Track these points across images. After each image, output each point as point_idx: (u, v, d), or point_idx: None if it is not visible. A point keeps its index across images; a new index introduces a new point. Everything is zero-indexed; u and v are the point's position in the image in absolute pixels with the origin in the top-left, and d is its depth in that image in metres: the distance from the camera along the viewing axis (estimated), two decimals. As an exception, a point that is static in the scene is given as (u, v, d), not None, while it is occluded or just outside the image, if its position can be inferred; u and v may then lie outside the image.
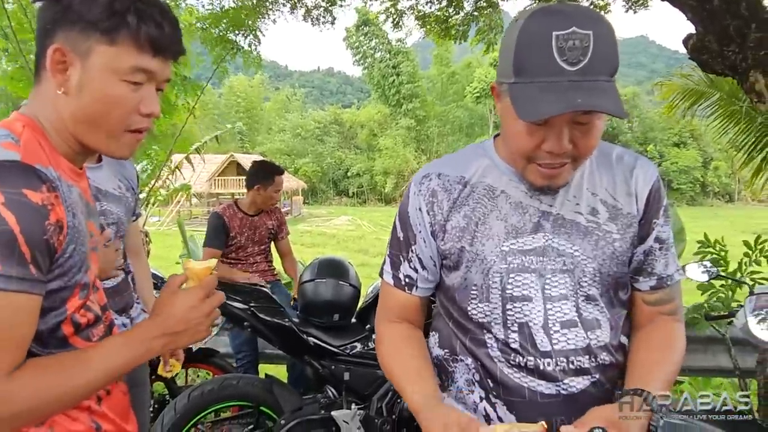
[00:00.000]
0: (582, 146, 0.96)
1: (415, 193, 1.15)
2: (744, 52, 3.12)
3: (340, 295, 2.67)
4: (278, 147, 48.69)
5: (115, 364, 0.87)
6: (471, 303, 1.10)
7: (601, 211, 1.08)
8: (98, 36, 0.84)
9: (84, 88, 0.86)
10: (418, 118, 46.62)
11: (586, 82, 0.89)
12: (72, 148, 0.91)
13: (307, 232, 23.78)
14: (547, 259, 1.05)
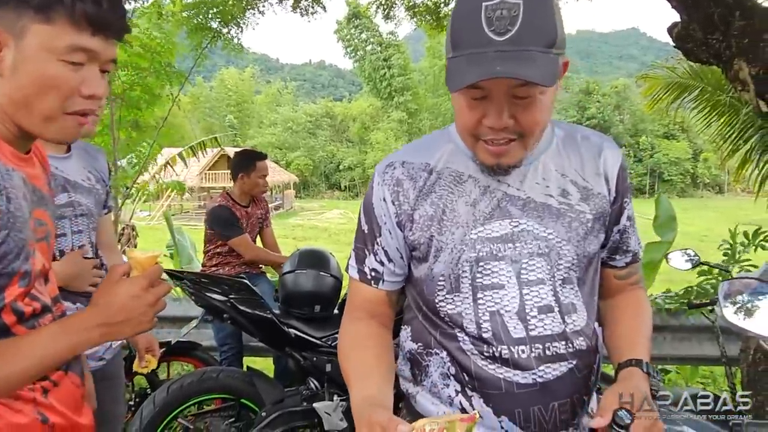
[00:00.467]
0: (524, 121, 0.94)
1: (379, 183, 1.10)
2: (728, 40, 3.11)
3: (321, 286, 2.64)
4: (270, 140, 48.51)
5: (51, 352, 0.84)
6: (439, 294, 1.07)
7: (572, 192, 1.06)
8: (32, 14, 0.81)
9: (19, 69, 0.82)
10: (409, 110, 46.55)
11: (513, 52, 0.86)
12: (11, 131, 0.88)
13: (299, 226, 23.73)
14: (521, 244, 1.03)
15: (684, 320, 3.53)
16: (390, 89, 46.26)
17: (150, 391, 2.82)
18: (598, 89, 47.54)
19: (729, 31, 3.09)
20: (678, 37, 3.36)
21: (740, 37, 3.05)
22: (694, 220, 22.05)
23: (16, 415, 0.87)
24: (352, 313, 1.18)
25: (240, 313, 2.44)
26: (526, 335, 1.01)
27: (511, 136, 0.95)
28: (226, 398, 2.58)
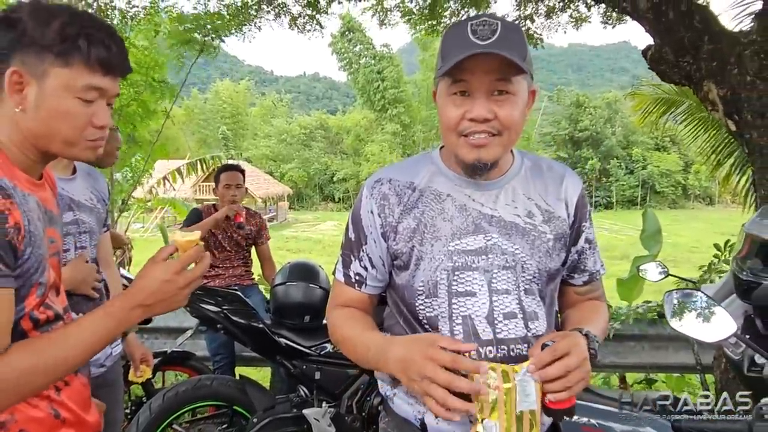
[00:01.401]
0: (503, 116, 1.08)
1: (367, 197, 1.23)
2: (698, 63, 3.28)
3: (310, 297, 2.77)
4: (264, 152, 48.59)
5: (98, 335, 0.96)
6: (419, 299, 1.19)
7: (536, 213, 1.21)
8: (52, 59, 0.94)
9: (41, 106, 0.96)
10: (403, 123, 46.78)
11: (494, 48, 1.03)
12: (30, 158, 1.01)
13: (293, 238, 23.79)
14: (493, 256, 1.16)
15: (661, 330, 3.67)
16: (384, 101, 46.52)
17: (146, 400, 2.91)
18: (589, 102, 47.96)
19: (699, 54, 3.27)
20: (652, 60, 3.53)
21: (709, 61, 3.22)
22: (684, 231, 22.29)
23: (34, 410, 0.97)
24: (335, 307, 1.32)
25: (233, 324, 2.56)
26: (494, 337, 1.14)
27: (491, 131, 1.10)
28: (219, 405, 2.68)
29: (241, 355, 3.55)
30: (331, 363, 2.68)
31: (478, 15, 1.10)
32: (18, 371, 0.87)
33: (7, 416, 0.94)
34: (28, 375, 0.89)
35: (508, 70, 1.07)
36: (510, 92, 1.09)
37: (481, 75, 1.07)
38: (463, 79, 1.08)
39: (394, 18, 6.85)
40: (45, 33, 0.93)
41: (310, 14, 6.56)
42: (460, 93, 1.10)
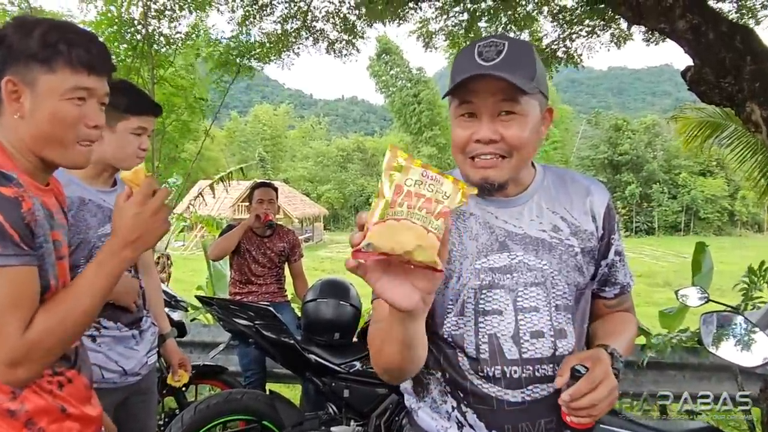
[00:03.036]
0: (509, 137, 1.08)
1: None
2: (740, 84, 3.21)
3: (341, 314, 2.78)
4: (301, 174, 49.43)
5: (101, 284, 1.02)
6: (447, 317, 1.16)
7: (562, 227, 1.19)
8: (38, 66, 1.02)
9: (36, 112, 1.03)
10: (439, 145, 46.92)
11: (497, 70, 1.03)
12: (33, 164, 1.07)
13: (328, 258, 23.91)
14: (518, 274, 1.14)
15: (703, 359, 3.53)
16: (420, 124, 46.82)
17: (178, 411, 2.96)
18: (628, 125, 47.07)
19: (741, 75, 3.19)
20: (692, 81, 3.47)
21: (752, 81, 3.15)
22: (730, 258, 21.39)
23: (42, 401, 1.02)
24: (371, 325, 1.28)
25: (264, 339, 2.60)
26: (519, 357, 1.12)
27: (498, 152, 1.09)
28: (249, 420, 2.70)
29: (272, 372, 3.58)
30: (361, 381, 2.67)
31: (488, 36, 1.10)
32: (40, 332, 0.94)
33: (17, 405, 0.98)
34: (50, 333, 0.95)
35: (513, 92, 1.05)
36: (517, 113, 1.08)
37: (486, 96, 1.07)
38: (469, 100, 1.09)
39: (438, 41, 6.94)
40: (29, 43, 1.00)
41: (348, 39, 6.72)
42: (467, 115, 1.10)
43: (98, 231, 1.71)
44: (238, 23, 6.18)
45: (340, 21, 6.36)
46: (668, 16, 3.37)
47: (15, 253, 0.91)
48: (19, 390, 0.98)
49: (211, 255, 3.68)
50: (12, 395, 0.98)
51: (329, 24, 6.47)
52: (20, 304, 0.92)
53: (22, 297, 0.93)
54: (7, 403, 0.97)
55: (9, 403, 0.97)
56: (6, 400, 0.98)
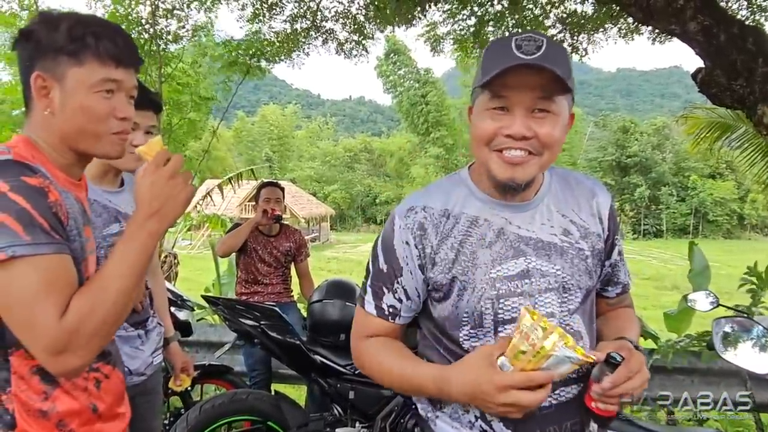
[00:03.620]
0: (542, 134, 1.04)
1: (401, 227, 1.17)
2: (751, 86, 3.18)
3: (347, 315, 2.77)
4: (308, 174, 49.54)
5: (131, 259, 0.98)
6: (463, 330, 1.14)
7: (572, 231, 1.18)
8: (67, 59, 1.01)
9: (66, 106, 1.02)
10: (446, 146, 46.85)
11: (537, 63, 1.00)
12: (67, 159, 1.07)
13: (335, 258, 23.95)
14: (534, 279, 1.13)
15: (712, 364, 3.49)
16: (427, 125, 46.75)
17: (184, 411, 2.96)
18: (636, 127, 46.81)
19: (752, 77, 3.16)
20: (702, 83, 3.44)
21: (763, 83, 3.11)
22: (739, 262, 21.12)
23: (74, 402, 1.03)
24: (363, 338, 1.26)
25: (269, 339, 2.59)
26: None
27: (529, 149, 1.06)
28: (254, 420, 2.70)
29: (277, 372, 3.58)
30: (366, 383, 2.66)
31: (523, 32, 1.06)
32: (77, 316, 0.91)
33: (49, 405, 0.99)
34: (87, 317, 0.92)
35: (552, 88, 1.03)
36: (551, 111, 1.04)
37: (524, 91, 1.03)
38: (503, 95, 1.04)
39: (446, 45, 6.93)
40: (56, 37, 1.00)
41: (357, 40, 6.72)
42: (498, 108, 1.06)
43: (103, 231, 1.71)
44: (247, 20, 6.19)
45: (350, 21, 6.36)
46: (679, 17, 3.34)
47: (46, 242, 0.90)
48: (51, 390, 0.98)
49: (219, 251, 3.69)
50: (44, 396, 0.98)
51: (338, 24, 6.47)
52: (54, 292, 0.90)
53: (56, 284, 0.91)
54: (39, 403, 0.98)
55: (41, 404, 0.98)
56: (38, 401, 0.98)
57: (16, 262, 0.87)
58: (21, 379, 0.97)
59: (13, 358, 0.97)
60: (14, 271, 0.87)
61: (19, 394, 0.97)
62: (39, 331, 0.89)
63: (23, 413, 0.97)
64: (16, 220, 0.87)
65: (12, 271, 0.87)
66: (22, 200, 0.88)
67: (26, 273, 0.88)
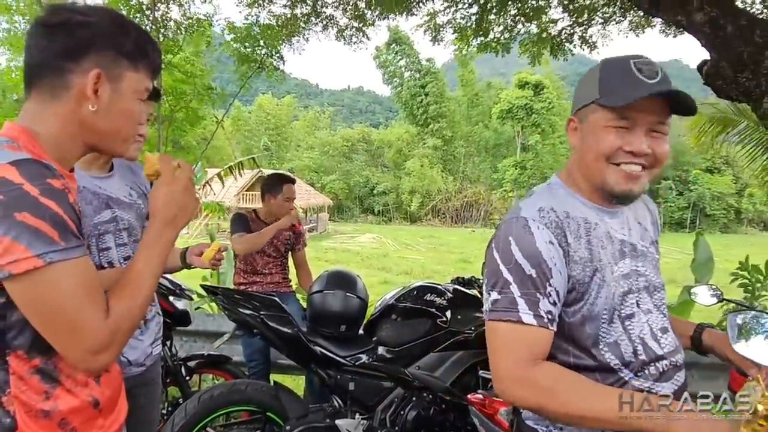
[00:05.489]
0: (659, 152, 1.16)
1: (539, 228, 1.16)
2: (758, 79, 3.14)
3: (347, 306, 2.75)
4: (306, 163, 49.34)
5: (155, 265, 1.06)
6: (602, 327, 1.17)
7: (645, 237, 1.31)
8: (127, 64, 1.03)
9: (114, 106, 1.03)
10: (445, 138, 46.76)
11: (664, 87, 1.12)
12: (71, 153, 1.05)
13: (332, 249, 23.92)
14: (634, 279, 1.23)
15: (714, 357, 3.47)
16: (426, 116, 46.66)
17: (182, 401, 2.95)
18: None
19: (758, 69, 3.13)
20: (708, 75, 3.40)
21: (771, 76, 3.08)
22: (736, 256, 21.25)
23: (75, 400, 1.01)
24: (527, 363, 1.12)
25: (269, 329, 2.56)
26: (663, 352, 1.21)
27: (644, 163, 1.17)
28: (253, 411, 2.68)
29: (276, 363, 3.56)
30: (366, 374, 2.65)
31: (636, 55, 1.16)
32: (119, 316, 0.97)
33: (51, 405, 0.98)
34: (127, 317, 0.99)
35: (667, 111, 1.15)
36: (665, 130, 1.17)
37: (648, 114, 1.14)
38: (628, 116, 1.14)
39: (446, 34, 6.86)
40: (124, 40, 1.02)
41: (358, 26, 6.66)
42: (622, 127, 1.15)
43: (94, 219, 1.67)
44: (247, 5, 6.11)
45: (350, 8, 6.29)
46: (686, 8, 3.30)
47: (76, 245, 0.91)
48: (52, 389, 0.98)
49: (238, 250, 3.44)
50: (45, 395, 0.98)
51: (339, 10, 6.40)
52: (94, 293, 0.94)
53: (93, 286, 0.93)
54: (40, 403, 0.97)
55: (42, 404, 0.97)
56: (39, 401, 0.97)
57: (53, 267, 0.88)
58: (20, 379, 0.96)
59: (10, 359, 0.95)
60: (52, 277, 0.88)
61: (19, 395, 0.96)
62: (86, 333, 0.92)
63: (24, 414, 0.96)
64: (52, 226, 0.88)
65: (50, 277, 0.88)
66: (54, 205, 0.88)
67: (65, 278, 0.89)
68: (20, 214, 0.85)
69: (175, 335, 3.38)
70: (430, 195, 44.65)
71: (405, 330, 2.71)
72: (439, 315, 2.69)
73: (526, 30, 6.61)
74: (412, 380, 2.61)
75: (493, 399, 2.05)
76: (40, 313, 0.90)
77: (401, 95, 47.79)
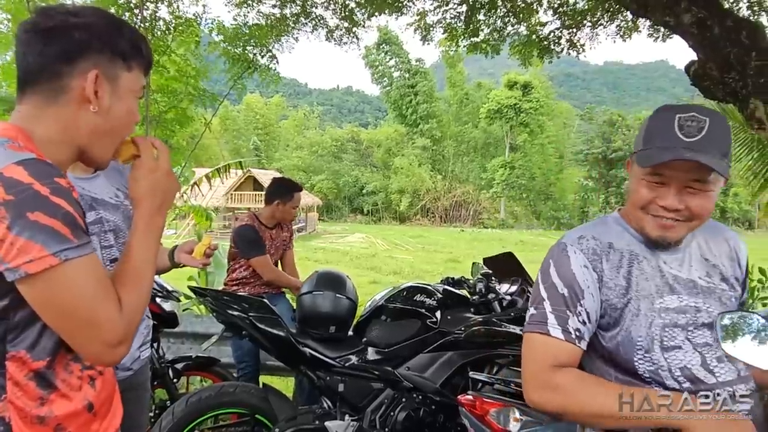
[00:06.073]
0: (693, 207, 1.17)
1: (576, 252, 1.27)
2: (744, 80, 3.17)
3: (337, 307, 2.73)
4: (295, 163, 49.21)
5: (151, 254, 1.06)
6: (638, 353, 1.22)
7: (713, 274, 1.29)
8: (122, 63, 1.03)
9: (113, 107, 1.03)
10: (434, 137, 46.85)
11: (696, 149, 1.11)
12: (64, 156, 1.03)
13: (321, 249, 23.87)
14: (689, 315, 1.23)
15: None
16: (415, 116, 46.73)
17: (170, 404, 2.92)
18: (622, 121, 47.14)
19: (745, 70, 3.16)
20: (695, 75, 3.43)
21: (756, 77, 3.11)
22: (722, 255, 21.38)
23: (70, 404, 1.00)
24: (551, 369, 1.19)
25: (258, 331, 2.54)
26: (716, 381, 1.20)
27: (679, 217, 1.18)
28: (242, 413, 2.66)
29: (265, 364, 3.53)
30: (356, 375, 2.63)
31: (688, 107, 1.16)
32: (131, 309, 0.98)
33: (46, 410, 0.97)
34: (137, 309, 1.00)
35: (705, 169, 1.12)
36: (704, 187, 1.16)
37: (681, 172, 1.14)
38: (661, 173, 1.16)
39: (436, 34, 6.85)
40: (119, 40, 1.02)
41: (347, 27, 6.62)
42: (655, 182, 1.18)
43: None
44: (235, 4, 6.06)
45: (339, 8, 6.26)
46: (674, 10, 3.32)
47: (87, 241, 0.92)
48: (47, 394, 0.97)
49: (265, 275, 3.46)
50: (40, 401, 0.97)
51: (329, 11, 6.37)
52: (108, 287, 0.95)
53: (105, 280, 0.95)
54: (36, 409, 0.96)
55: (38, 410, 0.96)
56: (35, 407, 0.96)
57: (68, 265, 0.88)
58: (16, 385, 0.95)
59: (9, 363, 0.94)
60: (69, 274, 0.88)
61: (14, 401, 0.95)
62: (104, 327, 0.92)
63: (19, 421, 0.95)
64: (65, 224, 0.88)
65: (66, 274, 0.88)
66: (65, 203, 0.89)
67: (80, 274, 0.90)
68: (33, 214, 0.85)
69: (163, 337, 3.35)
70: (420, 195, 44.71)
71: (395, 331, 2.70)
72: (428, 316, 2.68)
73: (516, 31, 6.62)
74: (402, 381, 2.60)
75: (483, 400, 2.05)
76: (58, 311, 0.90)
77: (390, 95, 47.84)
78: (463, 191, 45.21)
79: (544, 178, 45.43)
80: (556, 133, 47.96)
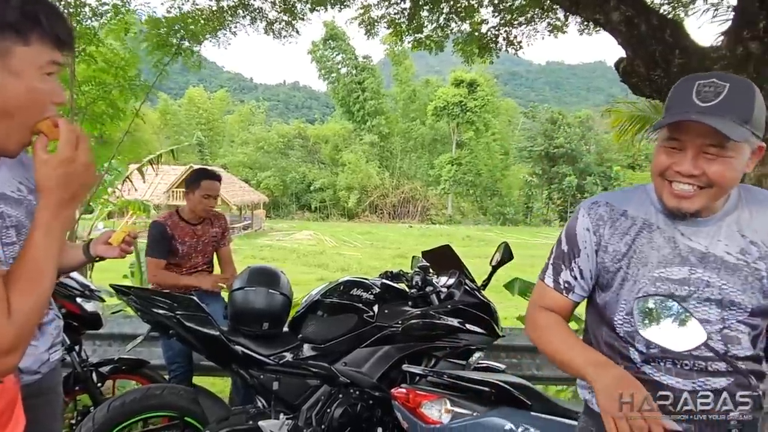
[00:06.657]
0: (711, 173, 1.16)
1: (584, 215, 1.36)
2: (669, 77, 3.29)
3: (270, 303, 2.65)
4: (240, 160, 48.16)
5: (54, 250, 0.96)
6: (618, 314, 1.31)
7: (751, 251, 1.23)
8: (14, 37, 0.92)
9: (7, 85, 0.93)
10: (381, 134, 46.92)
11: (710, 114, 1.12)
12: None
13: (268, 247, 23.51)
14: (693, 288, 1.23)
15: None
16: (363, 112, 46.64)
17: (93, 409, 2.76)
18: (563, 119, 48.74)
19: (669, 68, 3.28)
20: (624, 72, 3.54)
21: (680, 75, 3.19)
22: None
23: None
24: (539, 308, 1.42)
25: (186, 330, 2.43)
26: (689, 353, 1.23)
27: (698, 184, 1.17)
28: (171, 416, 2.55)
29: (200, 365, 3.40)
30: (291, 373, 2.57)
31: (711, 74, 1.17)
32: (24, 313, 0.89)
33: None
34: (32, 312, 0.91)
35: (722, 137, 1.11)
36: (723, 153, 1.14)
37: (694, 137, 1.15)
38: (677, 138, 1.18)
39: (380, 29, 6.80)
40: (6, 10, 0.92)
41: (287, 20, 6.49)
42: (672, 147, 1.20)
43: None
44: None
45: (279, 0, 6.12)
46: (603, 7, 3.41)
47: None
48: None
49: (151, 280, 3.30)
50: None
51: (268, 3, 6.22)
52: None
53: None
54: None
55: None
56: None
57: None
58: None
59: None
60: None
61: None
62: None
63: None
64: None
65: None
66: None
67: None
68: None
69: (86, 339, 3.16)
70: (368, 191, 44.71)
71: (331, 326, 2.66)
72: (365, 310, 2.64)
73: (459, 29, 6.68)
74: (339, 377, 2.56)
75: (416, 393, 2.03)
76: None
77: (338, 91, 47.52)
78: (411, 188, 45.52)
79: (490, 174, 46.30)
80: (501, 130, 48.97)
